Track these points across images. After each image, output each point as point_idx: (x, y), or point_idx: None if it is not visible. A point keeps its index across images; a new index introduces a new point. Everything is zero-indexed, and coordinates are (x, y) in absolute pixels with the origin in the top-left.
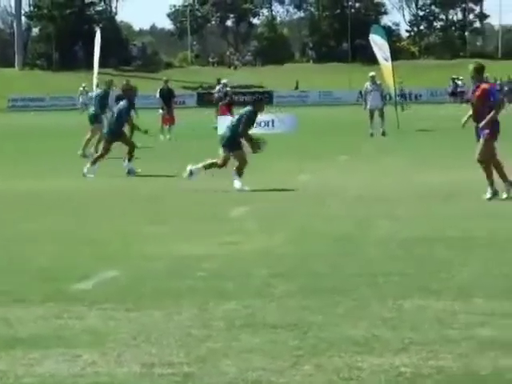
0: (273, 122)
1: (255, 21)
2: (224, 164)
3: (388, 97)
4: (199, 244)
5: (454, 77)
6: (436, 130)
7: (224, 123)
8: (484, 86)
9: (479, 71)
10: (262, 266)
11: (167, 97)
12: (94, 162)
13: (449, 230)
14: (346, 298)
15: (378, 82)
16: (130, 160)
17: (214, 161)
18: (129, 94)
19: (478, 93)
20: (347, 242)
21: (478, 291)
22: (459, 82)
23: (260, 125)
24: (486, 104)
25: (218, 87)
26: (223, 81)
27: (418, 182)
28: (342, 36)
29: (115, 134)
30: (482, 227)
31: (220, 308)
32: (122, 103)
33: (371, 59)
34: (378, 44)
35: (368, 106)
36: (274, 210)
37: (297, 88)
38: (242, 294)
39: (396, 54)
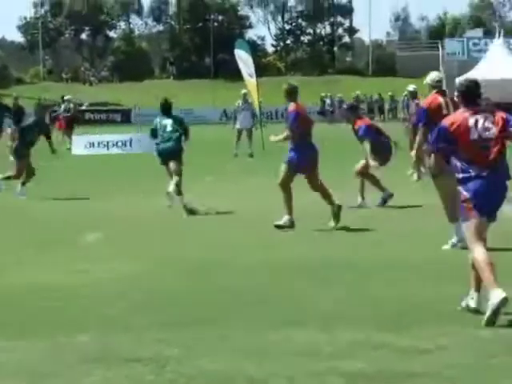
0: (131, 141)
1: (112, 34)
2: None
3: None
4: (49, 272)
5: (322, 95)
6: None
7: (79, 143)
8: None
9: (291, 93)
10: (119, 296)
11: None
12: (23, 184)
13: (311, 255)
14: (208, 330)
15: (250, 101)
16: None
17: (175, 179)
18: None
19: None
20: (212, 270)
21: (344, 321)
22: (327, 101)
23: (117, 145)
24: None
25: (63, 106)
26: (66, 97)
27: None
28: (204, 51)
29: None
30: (343, 253)
31: (71, 341)
32: (30, 120)
33: (234, 75)
34: (243, 59)
35: (237, 126)
36: (132, 236)
37: None
38: (96, 326)
39: (261, 69)
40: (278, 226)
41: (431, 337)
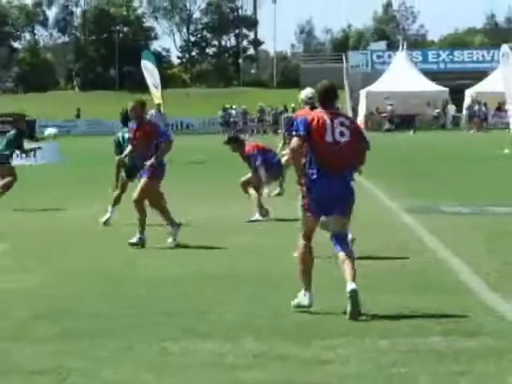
0: (35, 152)
1: (17, 45)
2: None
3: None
4: None
5: (226, 106)
6: (209, 162)
7: None
8: (147, 127)
9: (142, 110)
10: (21, 307)
11: None
12: None
13: (216, 267)
14: (110, 341)
15: (163, 111)
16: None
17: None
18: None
19: (140, 133)
20: (113, 282)
21: (247, 332)
22: (232, 112)
23: (21, 156)
24: (151, 144)
25: None
26: None
27: (192, 216)
28: (109, 62)
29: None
30: (247, 266)
31: None
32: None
33: (139, 86)
34: (149, 70)
35: None
36: (36, 247)
37: (78, 117)
38: None
39: (166, 81)
40: (133, 244)
41: (333, 347)
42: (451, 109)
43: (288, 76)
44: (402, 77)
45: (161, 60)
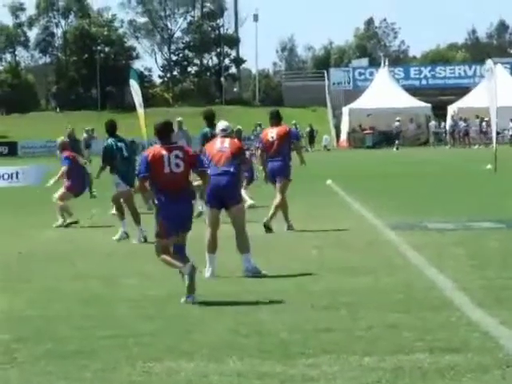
0: (17, 174)
1: None
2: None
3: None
4: None
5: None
6: None
7: None
8: None
9: None
10: (4, 330)
11: None
12: None
13: (199, 287)
14: (93, 362)
15: (185, 129)
16: None
17: None
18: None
19: None
20: (96, 303)
21: (231, 351)
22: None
23: (3, 177)
24: None
25: None
26: None
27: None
28: (90, 82)
29: None
30: (230, 283)
31: None
32: None
33: (121, 106)
34: (135, 89)
35: None
36: (16, 270)
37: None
38: None
39: (149, 100)
40: None
41: (318, 365)
42: (432, 125)
43: (270, 94)
44: (384, 93)
45: (143, 79)
